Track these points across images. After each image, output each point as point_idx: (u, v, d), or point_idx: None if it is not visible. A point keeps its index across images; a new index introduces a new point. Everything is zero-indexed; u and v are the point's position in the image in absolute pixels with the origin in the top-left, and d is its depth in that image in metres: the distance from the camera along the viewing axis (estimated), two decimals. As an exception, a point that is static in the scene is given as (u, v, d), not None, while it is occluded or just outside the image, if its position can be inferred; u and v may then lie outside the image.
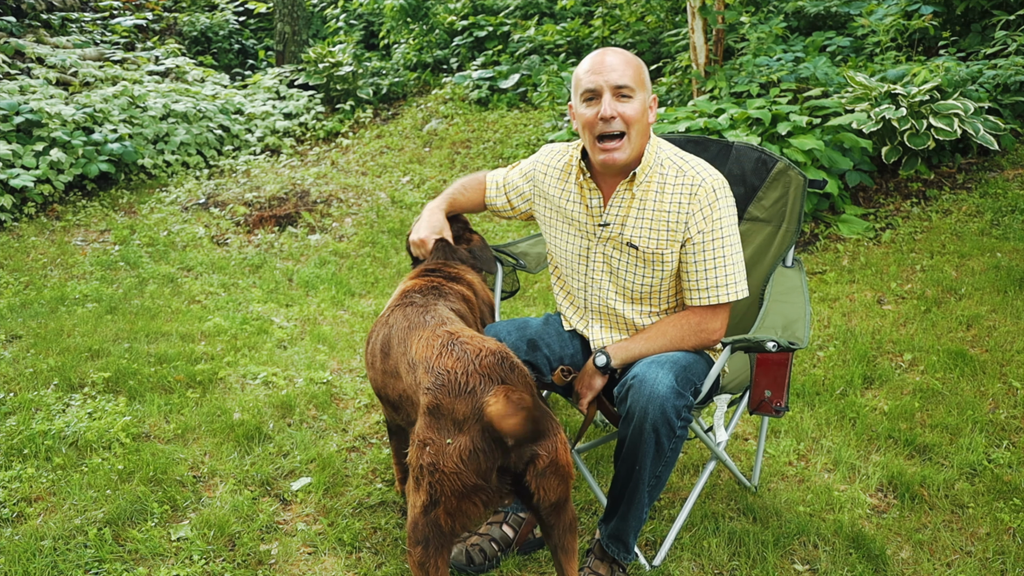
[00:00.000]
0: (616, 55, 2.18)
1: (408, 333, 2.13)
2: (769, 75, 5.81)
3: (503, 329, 2.39)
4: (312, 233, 5.80)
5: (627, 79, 2.14)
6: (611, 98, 2.14)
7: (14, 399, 3.28)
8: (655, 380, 2.06)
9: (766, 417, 2.67)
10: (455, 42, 9.55)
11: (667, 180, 2.23)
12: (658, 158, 2.25)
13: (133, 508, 2.58)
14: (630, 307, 2.34)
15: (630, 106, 2.15)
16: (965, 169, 5.38)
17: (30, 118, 6.03)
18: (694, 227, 2.19)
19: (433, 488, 1.82)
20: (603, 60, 2.17)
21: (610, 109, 2.13)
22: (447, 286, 2.40)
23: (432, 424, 1.85)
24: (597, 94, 2.16)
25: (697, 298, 2.26)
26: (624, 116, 2.14)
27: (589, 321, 2.43)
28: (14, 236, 5.49)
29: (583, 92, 2.19)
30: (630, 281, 2.31)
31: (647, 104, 2.21)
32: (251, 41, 10.55)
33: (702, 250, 2.21)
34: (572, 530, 2.02)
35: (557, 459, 1.88)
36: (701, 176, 2.21)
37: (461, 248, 2.64)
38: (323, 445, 3.03)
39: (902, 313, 4.03)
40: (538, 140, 6.96)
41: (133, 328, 4.11)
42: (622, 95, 2.15)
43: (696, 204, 2.19)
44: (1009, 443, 2.96)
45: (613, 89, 2.14)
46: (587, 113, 2.18)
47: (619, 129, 2.15)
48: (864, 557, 2.39)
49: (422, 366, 1.97)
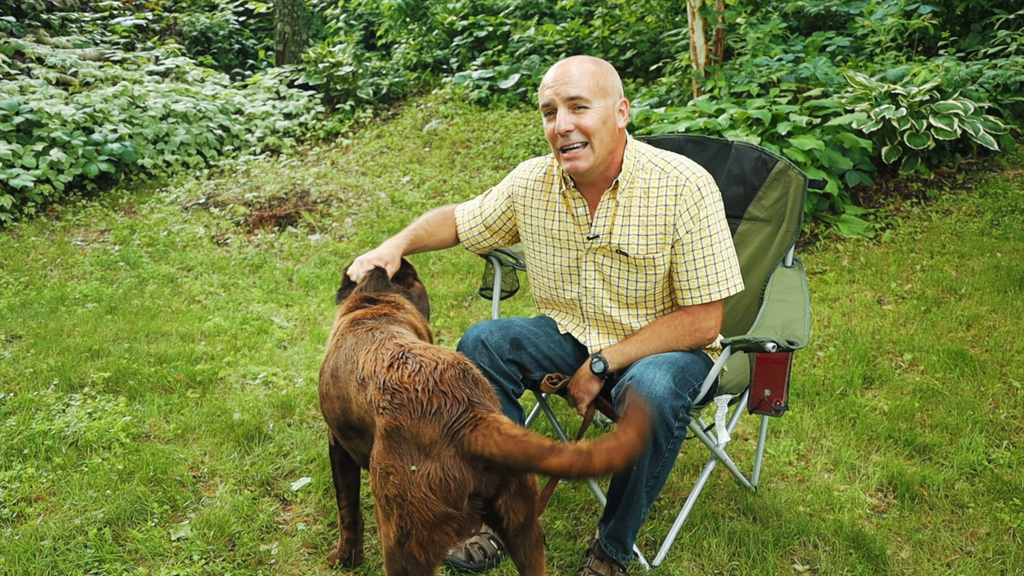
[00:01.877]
0: (575, 65, 2.15)
1: (355, 350, 1.98)
2: (769, 75, 5.81)
3: (485, 329, 2.36)
4: (312, 233, 5.80)
5: (581, 90, 2.11)
6: (566, 111, 2.13)
7: (14, 399, 3.28)
8: (652, 381, 2.06)
9: (766, 417, 2.67)
10: (455, 42, 9.55)
11: (651, 184, 2.21)
12: (638, 162, 2.24)
13: (133, 508, 2.58)
14: (626, 312, 2.34)
15: (587, 117, 2.12)
16: (965, 169, 5.38)
17: (30, 118, 6.03)
18: (682, 227, 2.19)
19: (403, 520, 1.70)
20: (559, 74, 2.15)
21: (565, 123, 2.13)
22: (397, 314, 2.24)
23: (393, 449, 1.71)
24: (553, 108, 2.16)
25: (689, 298, 2.26)
26: (581, 127, 2.13)
27: (586, 328, 2.43)
28: (14, 236, 5.49)
29: (542, 106, 2.21)
30: (623, 287, 2.30)
31: (611, 110, 2.16)
32: (251, 41, 10.55)
33: (691, 249, 2.20)
34: (539, 547, 1.95)
35: (523, 480, 1.81)
36: (684, 175, 2.20)
37: (396, 286, 2.43)
38: (323, 445, 3.03)
39: (902, 313, 4.03)
40: (538, 140, 6.96)
41: (133, 328, 4.11)
42: (577, 107, 2.13)
43: (682, 204, 2.18)
44: (1009, 443, 2.96)
45: (567, 102, 2.13)
46: (548, 127, 2.19)
47: (578, 140, 2.15)
48: (864, 557, 2.39)
49: (372, 383, 1.82)
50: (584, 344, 2.44)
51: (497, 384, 2.32)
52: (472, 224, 2.57)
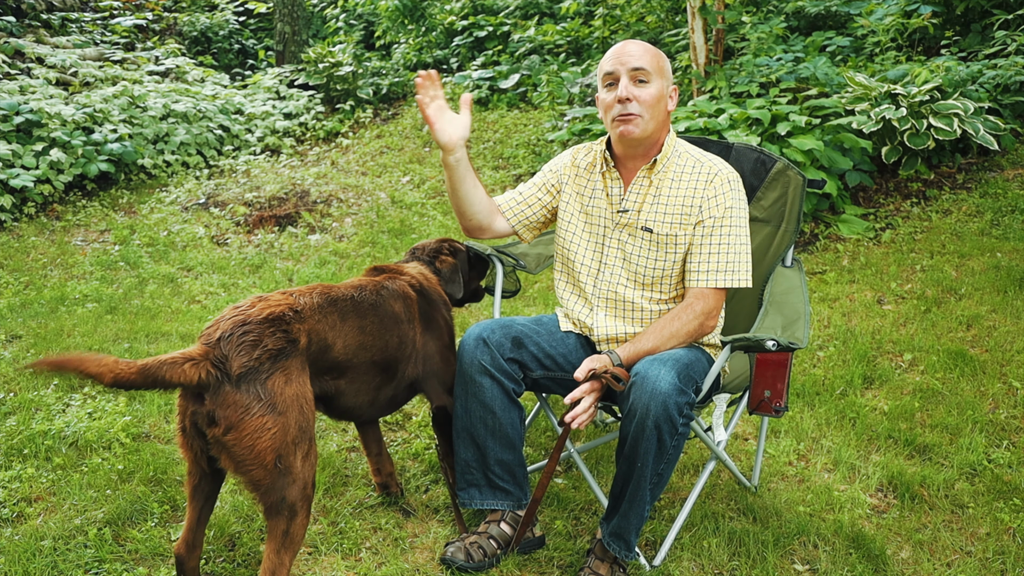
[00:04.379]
0: (637, 44, 2.30)
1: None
2: (769, 75, 5.81)
3: (487, 327, 2.37)
4: (312, 233, 5.80)
5: (644, 63, 2.25)
6: (628, 81, 2.26)
7: (14, 399, 3.28)
8: (657, 377, 2.06)
9: (766, 417, 2.67)
10: (455, 42, 9.55)
11: (684, 170, 2.33)
12: (676, 151, 2.36)
13: (133, 508, 2.58)
14: (640, 292, 2.37)
15: (646, 90, 2.25)
16: (965, 169, 5.38)
17: (30, 118, 6.03)
18: (707, 211, 2.28)
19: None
20: (624, 48, 2.29)
21: (626, 91, 2.24)
22: (382, 284, 2.40)
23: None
24: (615, 78, 2.27)
25: (696, 280, 2.29)
26: (639, 99, 2.25)
27: (594, 307, 2.43)
28: (14, 236, 5.49)
29: (603, 76, 2.31)
30: (643, 266, 2.34)
31: (665, 92, 2.31)
32: (251, 41, 10.55)
33: (710, 234, 2.27)
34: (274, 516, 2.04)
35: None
36: (717, 167, 2.32)
37: (421, 262, 2.67)
38: (323, 445, 3.03)
39: (902, 313, 4.03)
40: (538, 140, 6.96)
41: (133, 328, 4.11)
42: (639, 80, 2.26)
43: (711, 190, 2.28)
44: (1009, 443, 2.96)
45: (630, 72, 2.25)
46: (607, 97, 2.30)
47: (635, 111, 2.25)
48: (864, 557, 2.40)
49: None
50: (589, 329, 2.44)
51: (498, 383, 2.32)
52: (516, 205, 2.54)
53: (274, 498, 1.97)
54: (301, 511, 2.01)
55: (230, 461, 1.94)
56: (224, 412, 1.89)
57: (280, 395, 1.94)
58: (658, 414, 2.04)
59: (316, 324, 2.11)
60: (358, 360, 2.24)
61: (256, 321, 1.97)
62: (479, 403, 2.34)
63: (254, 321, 1.97)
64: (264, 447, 1.92)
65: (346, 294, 2.26)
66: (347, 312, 2.22)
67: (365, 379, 2.28)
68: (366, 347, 2.25)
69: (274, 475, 1.95)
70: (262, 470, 1.93)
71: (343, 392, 2.25)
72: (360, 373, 2.26)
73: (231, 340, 1.92)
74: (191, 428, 1.96)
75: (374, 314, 2.29)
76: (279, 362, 1.96)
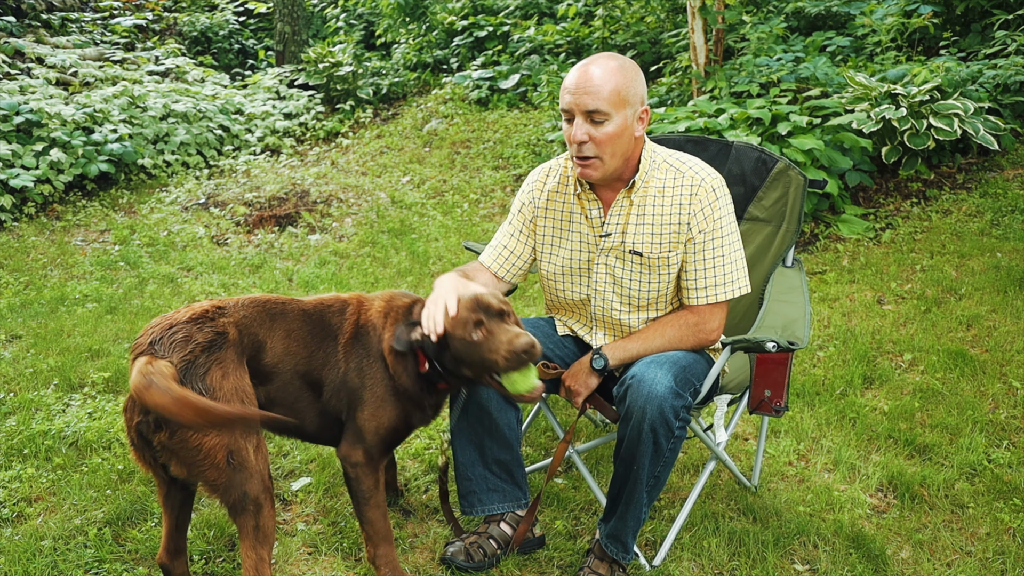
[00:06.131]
0: (599, 72, 2.10)
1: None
2: (769, 75, 5.81)
3: None
4: (312, 233, 5.79)
5: (600, 102, 2.08)
6: (582, 122, 2.12)
7: (14, 399, 3.28)
8: (654, 380, 2.06)
9: (766, 417, 2.67)
10: (455, 42, 9.55)
11: (666, 183, 2.23)
12: (654, 163, 2.25)
13: (133, 508, 2.58)
14: (635, 315, 2.34)
15: (603, 130, 2.11)
16: (965, 169, 5.38)
17: (30, 118, 6.03)
18: (696, 227, 2.20)
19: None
20: (582, 79, 2.11)
21: (580, 134, 2.12)
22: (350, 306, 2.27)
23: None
24: (571, 116, 2.15)
25: (695, 297, 2.26)
26: (596, 140, 2.12)
27: (593, 329, 2.43)
28: (14, 236, 5.49)
29: (561, 110, 2.19)
30: (634, 289, 2.30)
31: (630, 120, 2.14)
32: (251, 41, 10.55)
33: (702, 249, 2.22)
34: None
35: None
36: (700, 176, 2.22)
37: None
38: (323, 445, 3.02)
39: (902, 313, 4.03)
40: (538, 140, 6.96)
41: (133, 328, 4.11)
42: (593, 120, 2.11)
43: (697, 204, 2.19)
44: (1009, 443, 2.96)
45: (584, 115, 2.11)
46: (566, 130, 2.18)
47: (590, 153, 2.14)
48: (864, 557, 2.39)
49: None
50: (591, 345, 2.43)
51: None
52: (498, 255, 2.46)
53: (235, 495, 1.95)
54: (266, 503, 1.99)
55: (181, 466, 1.92)
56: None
57: (219, 389, 1.93)
58: (654, 417, 2.04)
59: (242, 319, 2.08)
60: (284, 367, 2.14)
61: (182, 321, 1.99)
62: (475, 403, 2.34)
63: (180, 321, 1.99)
64: (213, 444, 1.90)
65: (279, 299, 2.21)
66: (276, 314, 2.17)
67: (291, 391, 2.16)
68: (291, 353, 2.15)
69: (229, 472, 1.93)
70: (215, 470, 1.92)
71: (273, 402, 2.15)
72: (286, 382, 2.15)
73: (162, 342, 1.93)
74: (138, 439, 1.94)
75: (305, 321, 2.19)
76: (213, 354, 1.96)
